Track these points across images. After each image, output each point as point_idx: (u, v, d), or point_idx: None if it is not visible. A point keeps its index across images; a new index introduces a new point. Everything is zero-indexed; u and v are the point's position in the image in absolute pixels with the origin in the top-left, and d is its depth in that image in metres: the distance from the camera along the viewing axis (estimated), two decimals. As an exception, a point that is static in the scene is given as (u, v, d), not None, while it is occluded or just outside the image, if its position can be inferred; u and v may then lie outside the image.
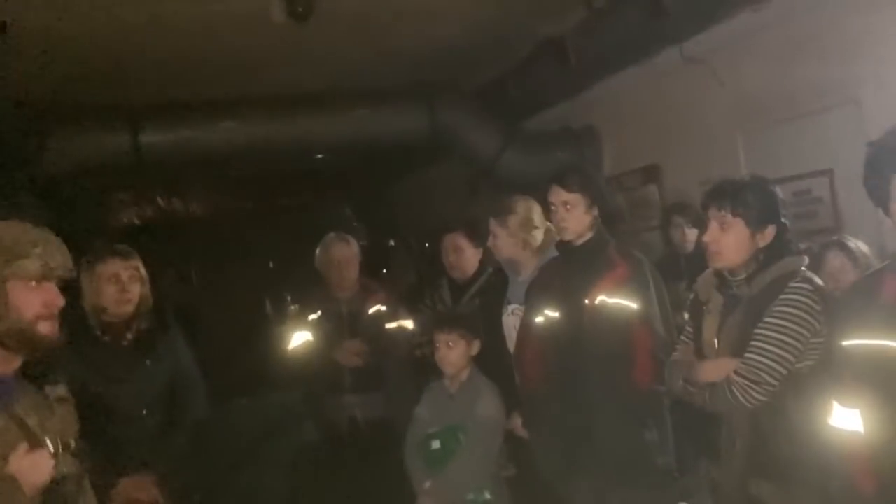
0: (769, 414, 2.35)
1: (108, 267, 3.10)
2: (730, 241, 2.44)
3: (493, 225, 3.54)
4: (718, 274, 2.54)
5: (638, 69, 5.33)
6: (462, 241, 4.03)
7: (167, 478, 2.98)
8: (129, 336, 3.15)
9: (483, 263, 4.05)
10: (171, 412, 3.19)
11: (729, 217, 2.43)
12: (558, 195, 3.07)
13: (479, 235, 4.01)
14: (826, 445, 2.13)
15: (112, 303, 3.09)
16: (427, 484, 3.23)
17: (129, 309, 3.12)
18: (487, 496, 3.27)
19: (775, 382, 2.29)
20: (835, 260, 3.13)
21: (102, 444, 2.82)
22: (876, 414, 1.94)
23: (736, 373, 2.33)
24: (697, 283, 2.66)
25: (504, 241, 3.52)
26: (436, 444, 3.28)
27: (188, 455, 3.19)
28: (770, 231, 2.44)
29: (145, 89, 5.70)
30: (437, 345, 3.35)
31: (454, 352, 3.33)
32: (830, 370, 2.16)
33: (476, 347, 3.36)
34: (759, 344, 2.32)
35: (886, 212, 1.97)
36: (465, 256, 4.03)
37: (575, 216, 3.05)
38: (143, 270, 3.19)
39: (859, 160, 2.46)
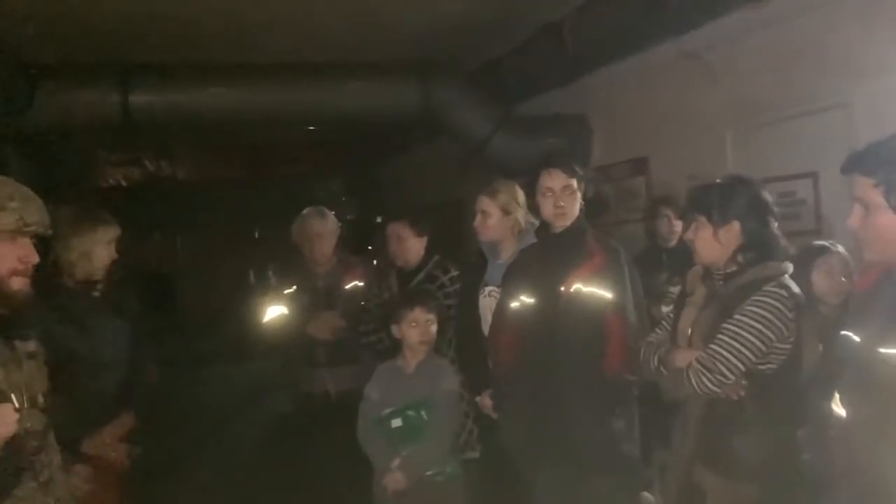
0: (727, 408, 2.41)
1: (101, 232, 3.15)
2: (699, 239, 2.54)
3: (487, 204, 3.50)
4: (705, 268, 2.59)
5: (634, 61, 5.32)
6: (404, 231, 4.02)
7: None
8: (97, 293, 3.19)
9: (429, 251, 4.06)
10: (131, 367, 3.23)
11: (696, 216, 2.54)
12: (558, 179, 3.07)
13: (422, 224, 4.04)
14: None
15: (102, 267, 3.15)
16: (396, 461, 3.26)
17: (103, 272, 3.17)
18: (452, 468, 3.35)
19: (729, 374, 2.35)
20: (829, 260, 3.14)
21: (74, 396, 2.86)
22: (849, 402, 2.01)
23: (696, 360, 2.39)
24: (688, 273, 2.71)
25: (497, 221, 3.49)
26: (397, 423, 3.31)
27: (148, 412, 3.23)
28: (734, 227, 2.48)
29: (137, 49, 5.64)
30: (417, 322, 3.35)
31: (433, 329, 3.39)
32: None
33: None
34: (722, 336, 2.38)
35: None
36: (407, 245, 4.02)
37: (572, 201, 3.07)
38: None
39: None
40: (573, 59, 5.40)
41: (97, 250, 3.11)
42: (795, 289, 2.45)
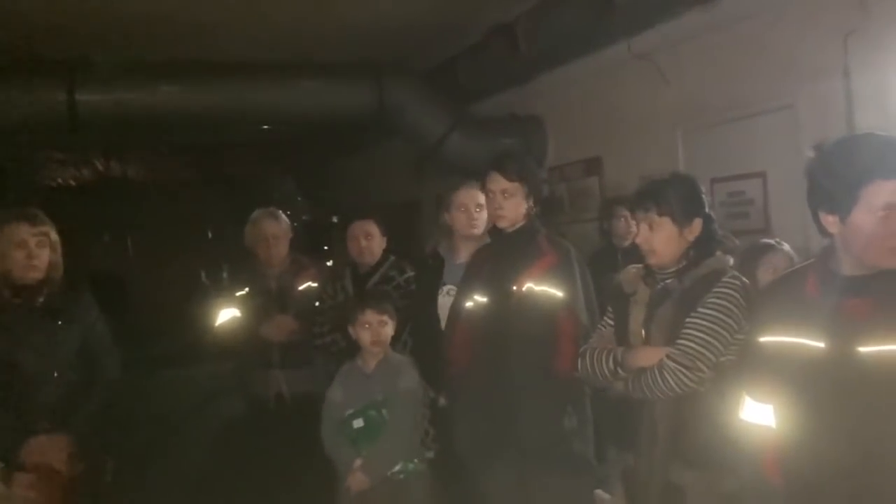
0: (691, 402, 2.40)
1: (15, 232, 2.98)
2: (660, 239, 2.50)
3: (482, 197, 3.38)
4: (646, 267, 2.59)
5: (586, 62, 5.38)
6: (372, 228, 4.02)
7: (78, 442, 2.95)
8: (41, 300, 3.04)
9: (385, 252, 4.06)
10: (83, 376, 3.11)
11: (655, 217, 2.50)
12: (497, 182, 3.07)
13: (385, 223, 4.06)
14: (742, 433, 2.18)
15: (19, 268, 2.98)
16: (358, 461, 3.25)
17: (36, 275, 3.01)
18: (414, 466, 3.34)
19: (705, 369, 2.34)
20: (774, 258, 3.18)
21: (12, 406, 2.78)
22: (788, 411, 1.98)
23: (669, 357, 2.37)
24: (621, 274, 2.70)
25: (483, 217, 3.48)
26: (358, 423, 3.28)
27: (100, 420, 3.12)
28: (697, 224, 2.50)
29: (83, 46, 5.52)
30: (369, 324, 3.34)
31: (386, 330, 3.36)
32: (746, 364, 2.19)
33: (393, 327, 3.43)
34: (692, 331, 2.36)
35: (843, 219, 1.85)
36: (374, 244, 4.02)
37: (512, 204, 3.06)
38: (53, 236, 3.08)
39: (791, 164, 2.51)
40: (526, 61, 5.44)
41: (10, 251, 2.96)
42: (745, 279, 2.47)
